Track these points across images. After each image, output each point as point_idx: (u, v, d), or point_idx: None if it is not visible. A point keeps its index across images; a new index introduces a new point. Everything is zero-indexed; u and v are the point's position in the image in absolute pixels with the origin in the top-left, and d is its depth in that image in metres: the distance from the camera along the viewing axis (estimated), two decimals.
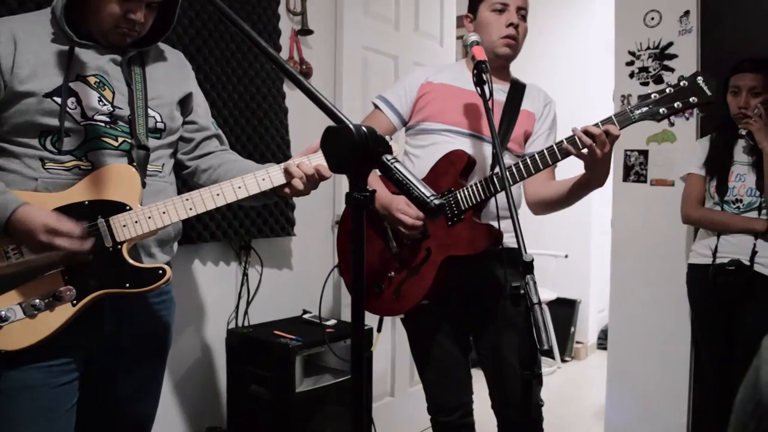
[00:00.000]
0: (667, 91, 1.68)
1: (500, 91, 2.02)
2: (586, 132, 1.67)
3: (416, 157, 2.04)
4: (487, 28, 1.98)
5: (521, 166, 1.78)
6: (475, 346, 2.07)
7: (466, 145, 1.95)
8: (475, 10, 2.04)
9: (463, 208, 1.85)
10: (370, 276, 1.98)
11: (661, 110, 1.67)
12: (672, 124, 3.02)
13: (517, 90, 2.05)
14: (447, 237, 1.88)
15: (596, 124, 1.68)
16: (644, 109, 1.69)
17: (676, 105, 1.67)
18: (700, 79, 1.65)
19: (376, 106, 2.10)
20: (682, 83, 1.67)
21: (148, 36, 1.58)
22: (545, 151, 1.74)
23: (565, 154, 1.73)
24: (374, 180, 1.96)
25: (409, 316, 2.07)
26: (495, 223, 1.83)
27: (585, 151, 1.69)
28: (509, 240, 1.93)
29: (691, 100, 1.65)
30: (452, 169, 1.90)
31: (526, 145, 2.06)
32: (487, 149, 1.96)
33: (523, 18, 2.00)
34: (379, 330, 2.08)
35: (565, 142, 1.72)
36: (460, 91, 2.02)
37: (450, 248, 1.87)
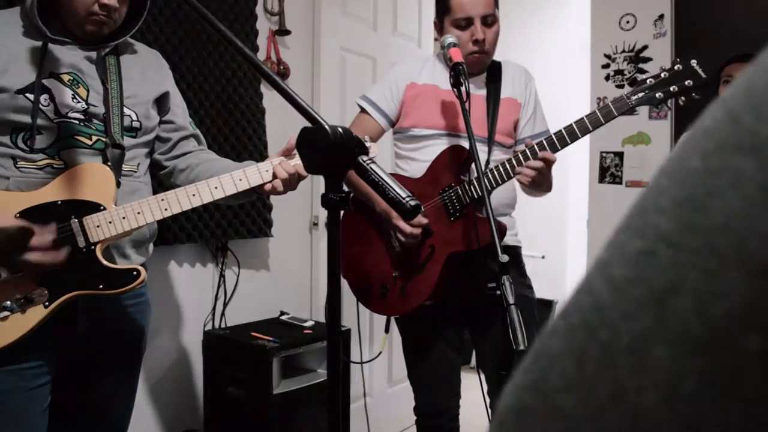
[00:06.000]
0: (662, 75, 1.66)
1: (481, 85, 2.02)
2: (529, 167, 1.73)
3: (411, 159, 2.04)
4: None
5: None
6: (474, 345, 2.08)
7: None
8: (441, 20, 2.00)
9: (464, 203, 1.87)
10: (374, 276, 1.98)
11: (657, 95, 1.66)
12: (667, 109, 3.06)
13: (495, 76, 2.04)
14: (450, 233, 1.88)
15: (532, 148, 1.75)
16: (640, 95, 1.67)
17: (671, 89, 1.65)
18: (694, 62, 1.63)
19: (363, 109, 2.08)
20: (676, 67, 1.65)
21: (122, 29, 1.57)
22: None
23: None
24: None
25: (404, 316, 2.06)
26: (499, 218, 1.83)
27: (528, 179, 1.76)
28: (509, 239, 1.96)
29: (686, 83, 1.63)
30: (451, 165, 1.91)
31: (517, 134, 2.07)
32: (478, 147, 1.95)
33: (491, 23, 1.93)
34: (386, 331, 2.08)
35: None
36: (445, 92, 2.01)
37: (453, 244, 1.87)
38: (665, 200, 0.25)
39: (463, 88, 1.74)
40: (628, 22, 3.12)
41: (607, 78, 3.18)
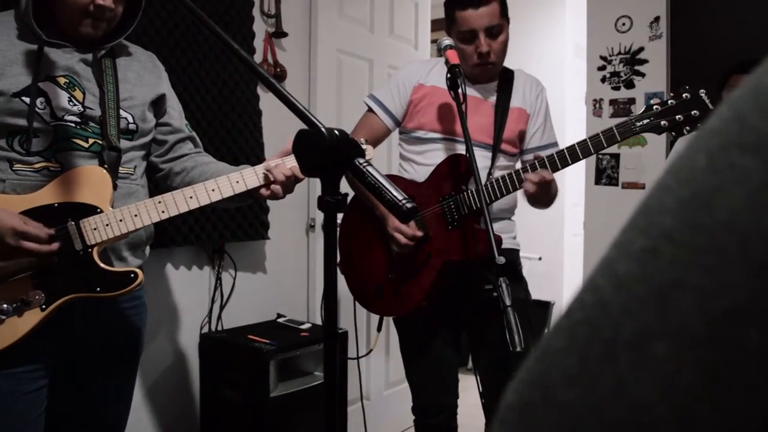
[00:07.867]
0: (669, 103, 1.65)
1: (492, 92, 2.02)
2: (529, 180, 1.74)
3: (415, 162, 2.05)
4: (460, 55, 1.91)
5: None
6: (470, 347, 2.09)
7: (461, 151, 1.96)
8: (448, 29, 1.99)
9: (462, 213, 1.87)
10: (371, 276, 2.01)
11: (662, 123, 1.66)
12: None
13: (506, 85, 2.03)
14: (446, 242, 1.89)
15: (533, 165, 1.77)
16: (646, 121, 1.67)
17: (677, 118, 1.64)
18: (702, 92, 1.63)
19: (370, 108, 2.08)
20: (684, 96, 1.64)
21: (117, 30, 1.57)
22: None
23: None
24: None
25: (402, 316, 2.07)
26: (496, 222, 1.84)
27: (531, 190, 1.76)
28: (508, 242, 1.97)
29: (692, 113, 1.62)
30: (453, 173, 1.91)
31: (524, 144, 2.06)
32: (482, 154, 1.95)
33: (497, 33, 1.91)
34: (378, 330, 2.11)
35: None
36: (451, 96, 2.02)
37: (448, 253, 1.89)
38: (670, 199, 0.26)
39: (459, 91, 1.74)
40: (623, 24, 3.13)
41: (603, 80, 3.19)
